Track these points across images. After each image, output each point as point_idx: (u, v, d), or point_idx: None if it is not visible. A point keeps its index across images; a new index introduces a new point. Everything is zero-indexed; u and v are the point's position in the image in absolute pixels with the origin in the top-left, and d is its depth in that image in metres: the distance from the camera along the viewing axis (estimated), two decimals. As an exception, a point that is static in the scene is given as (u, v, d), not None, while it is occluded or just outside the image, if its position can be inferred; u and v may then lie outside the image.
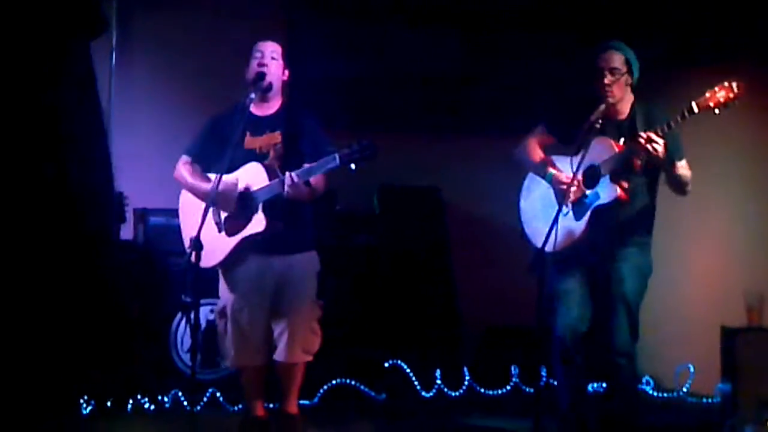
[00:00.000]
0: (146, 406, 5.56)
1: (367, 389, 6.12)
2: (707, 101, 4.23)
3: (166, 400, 5.63)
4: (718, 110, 4.22)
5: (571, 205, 4.52)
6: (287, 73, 4.81)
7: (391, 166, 6.16)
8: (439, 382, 6.31)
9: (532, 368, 6.12)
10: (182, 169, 4.80)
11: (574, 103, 4.72)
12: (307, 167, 4.45)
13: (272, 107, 4.79)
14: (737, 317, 5.33)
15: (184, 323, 5.77)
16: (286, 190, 4.45)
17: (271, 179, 4.54)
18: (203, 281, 4.56)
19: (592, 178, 4.49)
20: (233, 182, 4.60)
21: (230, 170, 4.57)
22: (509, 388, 6.42)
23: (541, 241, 4.26)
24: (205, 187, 4.64)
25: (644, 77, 4.61)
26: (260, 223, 4.54)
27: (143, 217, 5.96)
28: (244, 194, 4.60)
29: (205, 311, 5.55)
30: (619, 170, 4.45)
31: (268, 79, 4.69)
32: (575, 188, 4.47)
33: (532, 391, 6.24)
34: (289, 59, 4.83)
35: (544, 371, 5.56)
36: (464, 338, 6.77)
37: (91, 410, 5.33)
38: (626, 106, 4.60)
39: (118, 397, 5.48)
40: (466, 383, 6.38)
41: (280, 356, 4.69)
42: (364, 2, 6.98)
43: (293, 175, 4.44)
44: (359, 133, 4.44)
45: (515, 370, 6.44)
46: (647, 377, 6.49)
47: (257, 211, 4.55)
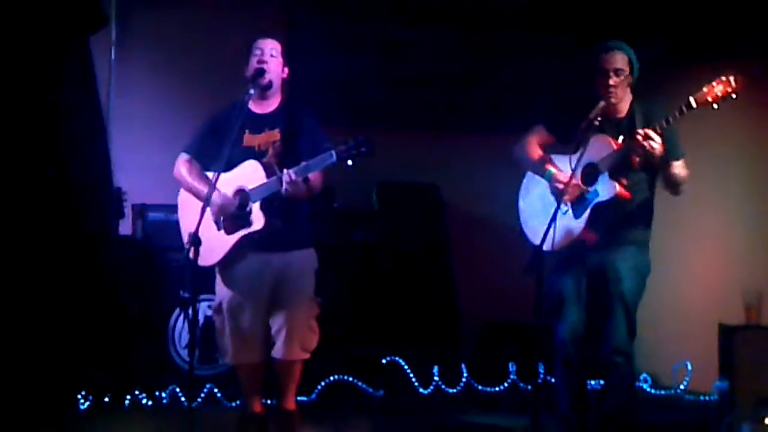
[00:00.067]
0: (144, 401, 5.57)
1: (364, 386, 6.12)
2: (705, 96, 4.23)
3: (163, 395, 5.63)
4: (716, 105, 4.22)
5: (570, 203, 4.52)
6: (287, 70, 4.80)
7: (390, 163, 6.17)
8: (436, 378, 6.32)
9: (529, 365, 6.14)
10: (181, 167, 4.78)
11: (573, 102, 4.71)
12: (304, 164, 4.44)
13: (271, 105, 4.78)
14: (735, 315, 5.34)
15: (182, 319, 5.78)
16: (284, 187, 4.44)
17: (269, 177, 4.53)
18: (202, 277, 4.55)
19: (591, 175, 4.49)
20: (228, 200, 4.58)
21: (229, 168, 4.56)
22: (507, 385, 6.44)
23: (539, 239, 4.25)
24: (203, 186, 4.63)
25: (643, 76, 4.61)
26: (258, 220, 4.54)
27: (142, 212, 5.95)
28: (241, 192, 4.59)
29: (203, 307, 5.56)
30: (618, 167, 4.45)
31: (267, 76, 4.68)
32: (574, 186, 4.47)
33: (529, 388, 6.25)
34: (288, 57, 4.82)
35: (541, 368, 5.57)
36: (462, 335, 6.78)
37: (88, 406, 5.35)
38: (625, 104, 4.60)
39: (115, 392, 5.49)
40: (463, 380, 6.39)
41: (278, 353, 4.68)
42: (363, 1, 6.98)
43: (291, 172, 4.43)
44: (359, 130, 4.43)
45: (513, 367, 6.45)
46: (645, 374, 6.50)
47: (255, 209, 4.54)
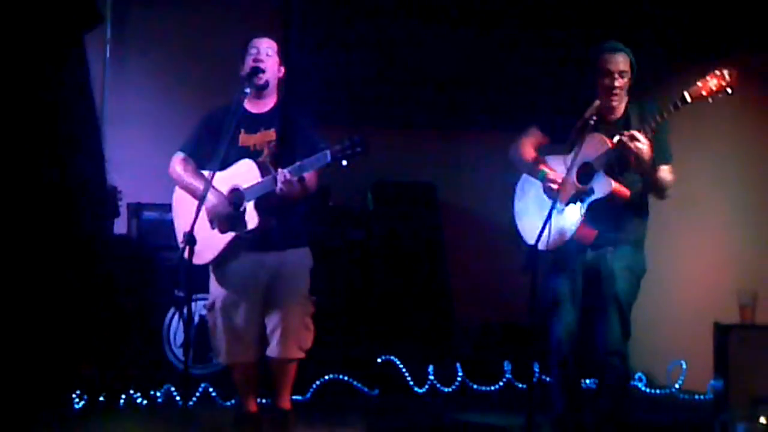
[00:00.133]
0: (139, 401, 5.56)
1: (359, 385, 6.12)
2: (700, 90, 4.23)
3: (158, 395, 5.62)
4: (711, 99, 4.22)
5: (565, 202, 4.51)
6: (282, 70, 4.79)
7: (385, 162, 6.18)
8: (431, 377, 6.32)
9: (524, 365, 6.14)
10: (176, 166, 4.78)
11: (567, 103, 4.71)
12: (298, 164, 4.44)
13: (267, 105, 4.78)
14: (730, 314, 5.34)
15: (176, 318, 5.77)
16: (278, 187, 4.44)
17: (263, 176, 4.53)
18: (197, 276, 4.55)
19: (586, 174, 4.48)
20: (222, 199, 4.57)
21: (224, 167, 4.56)
22: (502, 384, 6.43)
23: (534, 240, 4.24)
24: (199, 185, 4.62)
25: (639, 76, 4.60)
26: (253, 220, 4.53)
27: (137, 211, 5.94)
28: (236, 191, 4.58)
29: (198, 306, 5.54)
30: (613, 166, 4.44)
31: (263, 75, 4.67)
32: (569, 185, 4.46)
33: (524, 387, 6.25)
34: (285, 56, 4.82)
35: (536, 368, 5.57)
36: (457, 334, 6.78)
37: (83, 405, 5.33)
38: (621, 105, 4.60)
39: (110, 391, 5.48)
40: (458, 379, 6.38)
41: (273, 352, 4.68)
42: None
43: (285, 172, 4.43)
44: (355, 129, 4.43)
45: (508, 366, 6.45)
46: (640, 373, 6.50)
47: (250, 208, 4.54)
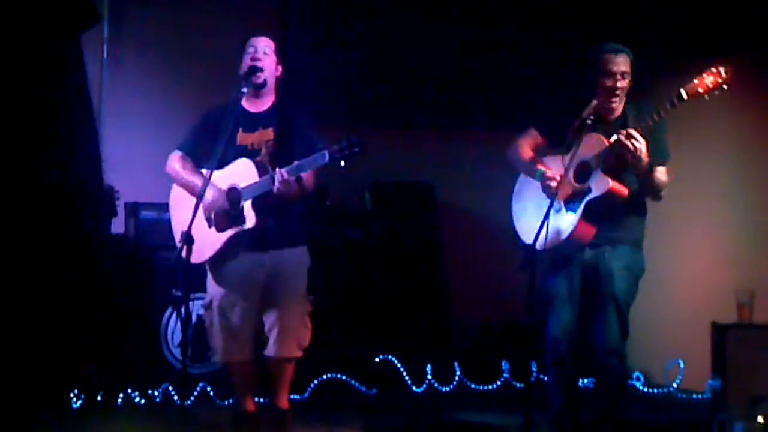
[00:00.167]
0: (137, 400, 5.56)
1: (357, 384, 6.12)
2: (696, 87, 4.23)
3: (156, 394, 5.62)
4: (707, 96, 4.22)
5: (563, 201, 4.51)
6: (280, 69, 4.79)
7: (383, 162, 6.17)
8: (429, 377, 6.32)
9: (522, 364, 6.14)
10: (174, 163, 4.78)
11: (565, 104, 4.70)
12: (296, 164, 4.44)
13: (265, 104, 4.78)
14: (728, 314, 5.33)
15: (174, 317, 5.77)
16: (276, 186, 4.43)
17: (261, 176, 4.52)
18: (194, 275, 4.54)
19: (583, 173, 4.48)
20: (220, 195, 4.57)
21: (222, 166, 4.56)
22: (500, 383, 6.43)
23: (532, 239, 4.23)
24: (196, 182, 4.62)
25: (638, 76, 4.60)
26: (250, 219, 4.53)
27: (134, 211, 5.94)
28: (233, 190, 4.58)
29: (195, 305, 5.54)
30: (611, 165, 4.44)
31: (261, 74, 4.67)
32: (567, 184, 4.46)
33: (522, 386, 6.25)
34: (283, 55, 4.82)
35: (534, 367, 5.57)
36: (455, 334, 6.78)
37: (81, 404, 5.33)
38: (619, 105, 4.59)
39: (108, 391, 5.47)
40: (456, 378, 6.38)
41: (271, 351, 4.68)
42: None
43: (283, 171, 4.43)
44: (353, 129, 4.43)
45: (506, 365, 6.45)
46: (638, 373, 6.50)
47: (247, 207, 4.53)
